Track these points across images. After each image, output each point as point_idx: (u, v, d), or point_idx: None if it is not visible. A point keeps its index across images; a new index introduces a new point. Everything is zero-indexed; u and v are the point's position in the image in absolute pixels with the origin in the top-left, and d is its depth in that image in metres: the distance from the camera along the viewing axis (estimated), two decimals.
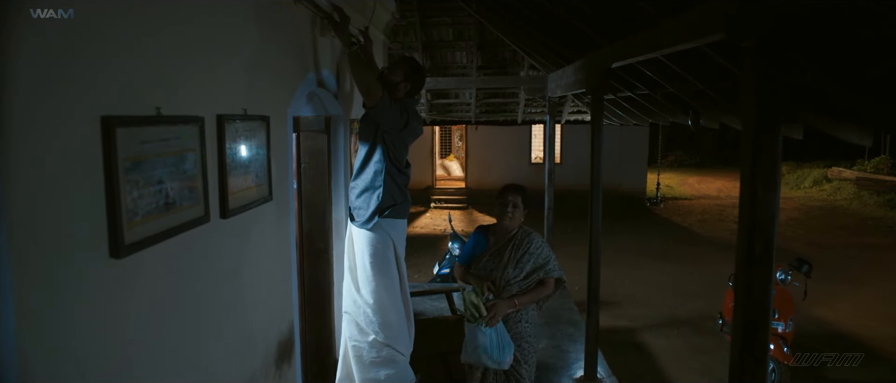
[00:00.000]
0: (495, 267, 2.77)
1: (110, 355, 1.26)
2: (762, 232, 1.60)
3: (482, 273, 2.79)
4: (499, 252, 2.79)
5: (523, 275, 2.73)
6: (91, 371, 1.19)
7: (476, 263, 2.84)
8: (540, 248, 2.79)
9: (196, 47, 1.60)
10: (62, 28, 1.07)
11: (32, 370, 1.03)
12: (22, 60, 0.98)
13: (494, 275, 2.76)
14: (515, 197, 2.83)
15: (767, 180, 1.59)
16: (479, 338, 2.58)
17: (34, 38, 1.01)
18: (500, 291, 2.71)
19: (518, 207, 2.81)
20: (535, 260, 2.75)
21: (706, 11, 1.77)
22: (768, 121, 1.56)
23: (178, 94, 1.51)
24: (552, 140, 6.33)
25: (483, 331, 2.58)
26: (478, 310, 2.58)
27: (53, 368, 1.09)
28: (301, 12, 2.52)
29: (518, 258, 2.75)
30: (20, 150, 0.98)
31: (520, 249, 2.77)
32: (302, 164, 3.20)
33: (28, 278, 1.01)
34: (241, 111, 1.87)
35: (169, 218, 1.40)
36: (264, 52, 2.09)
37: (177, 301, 1.52)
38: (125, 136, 1.20)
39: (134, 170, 1.25)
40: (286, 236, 2.37)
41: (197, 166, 1.54)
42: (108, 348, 1.25)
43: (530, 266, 2.74)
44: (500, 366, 2.62)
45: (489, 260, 2.80)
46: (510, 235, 2.81)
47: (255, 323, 2.07)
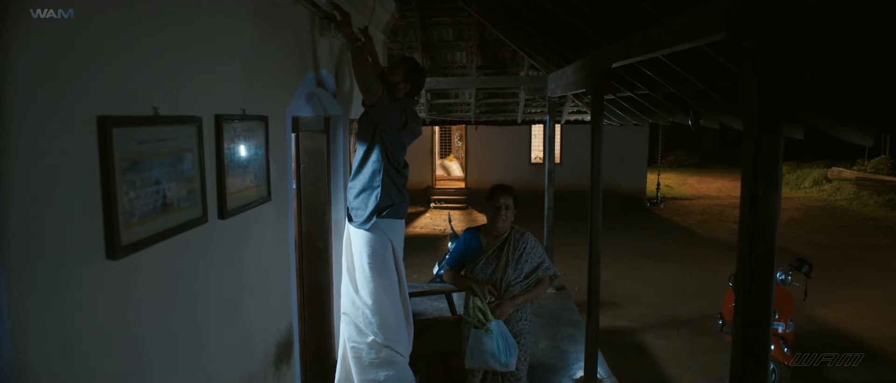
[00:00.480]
0: (494, 269, 2.76)
1: (108, 356, 1.25)
2: (763, 232, 1.59)
3: (480, 276, 2.78)
4: (495, 254, 2.79)
5: (523, 275, 2.75)
6: (89, 372, 1.18)
7: (472, 266, 2.83)
8: (535, 248, 2.81)
9: (194, 47, 1.59)
10: (59, 28, 1.06)
11: (30, 371, 1.02)
12: (20, 60, 0.98)
13: (494, 277, 2.75)
14: (506, 198, 2.83)
15: (769, 180, 1.59)
16: (486, 344, 2.59)
17: (32, 38, 1.01)
18: (501, 293, 2.72)
19: (510, 208, 2.82)
20: (532, 260, 2.77)
21: (707, 11, 1.77)
22: (769, 121, 1.55)
23: (176, 94, 1.50)
24: (552, 140, 6.32)
25: (490, 337, 2.58)
26: (484, 316, 2.58)
27: (51, 370, 1.08)
28: (300, 12, 2.51)
29: (517, 258, 2.75)
30: (19, 151, 0.98)
31: (517, 250, 2.77)
32: (301, 165, 3.19)
33: (24, 280, 1.00)
34: (239, 111, 1.86)
35: (166, 219, 1.39)
36: (263, 52, 2.08)
37: (175, 302, 1.51)
38: (122, 137, 1.19)
39: (131, 171, 1.24)
40: (285, 237, 2.36)
41: (195, 167, 1.54)
42: (106, 349, 1.24)
43: (529, 266, 2.76)
44: (507, 368, 2.63)
45: (486, 263, 2.80)
46: (504, 236, 2.82)
47: (254, 323, 2.07)
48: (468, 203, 14.35)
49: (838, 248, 9.92)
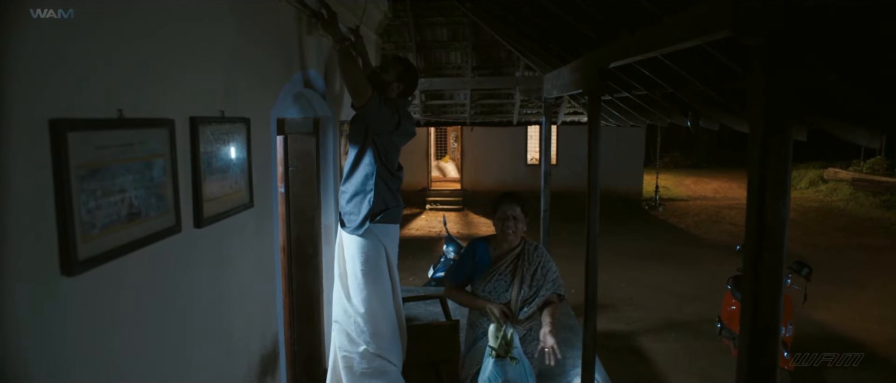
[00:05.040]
0: (508, 287, 2.51)
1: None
2: (771, 241, 1.50)
3: (491, 296, 2.52)
4: (509, 270, 2.54)
5: (539, 294, 2.51)
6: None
7: (482, 284, 2.57)
8: (549, 263, 2.58)
9: (167, 44, 1.49)
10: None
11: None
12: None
13: (507, 296, 2.51)
14: (513, 208, 2.55)
15: (777, 185, 1.50)
16: (509, 374, 2.24)
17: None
18: (516, 314, 2.48)
19: (519, 220, 2.55)
20: (549, 276, 2.53)
21: (711, 8, 1.68)
22: (778, 123, 1.46)
23: (147, 95, 1.40)
24: (548, 141, 6.24)
25: (513, 367, 2.24)
26: (511, 346, 2.26)
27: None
28: (285, 9, 2.41)
29: (531, 275, 2.52)
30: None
31: (532, 265, 2.53)
32: (290, 168, 3.09)
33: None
34: (218, 113, 1.76)
35: (133, 229, 1.29)
36: (245, 51, 1.98)
37: (145, 319, 1.41)
38: (79, 141, 1.09)
39: (91, 179, 1.14)
40: (269, 244, 2.26)
41: (167, 173, 1.44)
42: (64, 375, 1.14)
43: (544, 283, 2.52)
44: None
45: (498, 280, 2.54)
46: (515, 250, 2.58)
47: (235, 337, 1.96)
48: (464, 205, 14.27)
49: (836, 250, 9.87)
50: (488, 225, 12.23)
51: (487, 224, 12.32)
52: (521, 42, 5.47)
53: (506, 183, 14.30)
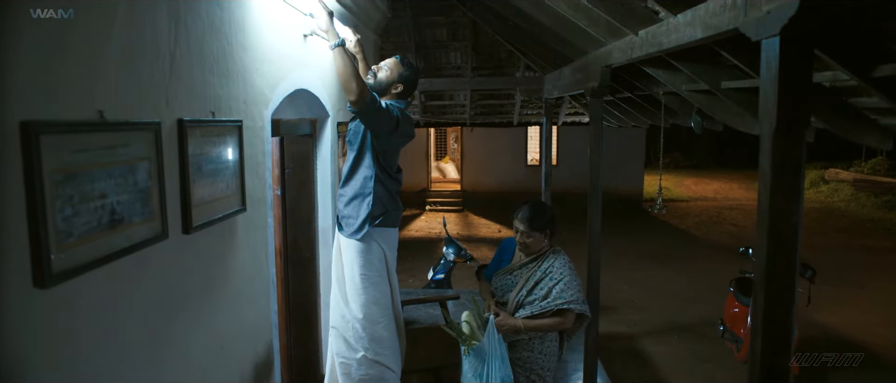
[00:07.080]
0: (512, 287, 2.58)
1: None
2: (784, 247, 1.44)
3: (498, 291, 2.60)
4: (520, 272, 2.60)
5: (537, 300, 2.48)
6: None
7: (497, 278, 2.67)
8: (562, 275, 2.49)
9: (154, 43, 1.42)
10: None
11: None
12: None
13: (508, 295, 2.58)
14: (518, 224, 2.55)
15: (789, 190, 1.44)
16: (471, 356, 2.37)
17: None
18: (511, 314, 2.52)
19: (525, 234, 2.53)
20: (553, 289, 2.47)
21: (720, 5, 1.62)
22: (791, 124, 1.40)
23: (134, 95, 1.34)
24: (549, 142, 6.18)
25: (468, 358, 2.35)
26: (473, 331, 2.34)
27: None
28: (280, 8, 2.34)
29: (536, 282, 2.52)
30: None
31: (538, 271, 2.54)
32: (286, 170, 3.03)
33: None
34: (208, 115, 1.69)
35: (115, 237, 1.23)
36: (237, 50, 1.92)
37: (130, 331, 1.34)
38: (52, 145, 1.03)
39: (67, 184, 1.07)
40: (263, 249, 2.19)
41: (152, 177, 1.37)
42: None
43: (543, 292, 2.48)
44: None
45: (510, 278, 2.62)
46: (533, 255, 2.60)
47: (226, 347, 1.90)
48: (464, 206, 14.20)
49: (838, 251, 9.80)
50: (488, 226, 12.16)
51: (487, 225, 12.25)
52: (522, 41, 5.40)
53: (506, 184, 14.23)
